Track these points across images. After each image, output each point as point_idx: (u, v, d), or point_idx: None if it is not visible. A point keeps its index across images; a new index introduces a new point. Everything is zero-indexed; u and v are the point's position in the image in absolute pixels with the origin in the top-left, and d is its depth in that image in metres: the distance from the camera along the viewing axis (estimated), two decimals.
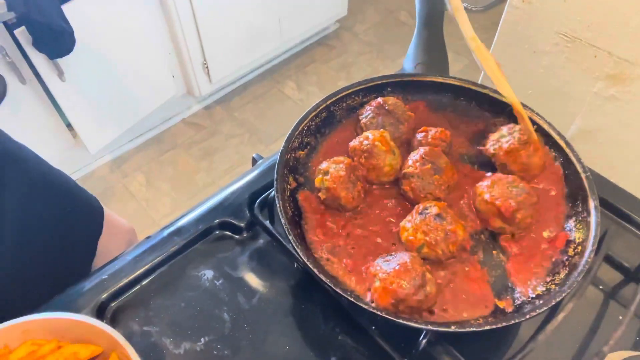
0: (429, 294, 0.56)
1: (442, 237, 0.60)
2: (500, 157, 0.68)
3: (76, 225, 0.84)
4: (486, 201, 0.63)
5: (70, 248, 0.82)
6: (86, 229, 0.87)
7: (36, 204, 0.76)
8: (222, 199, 0.76)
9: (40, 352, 0.53)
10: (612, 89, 0.93)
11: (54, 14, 1.52)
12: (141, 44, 1.96)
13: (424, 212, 0.61)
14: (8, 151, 0.73)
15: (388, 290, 0.55)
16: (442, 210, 0.61)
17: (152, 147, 2.28)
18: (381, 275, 0.56)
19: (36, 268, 0.75)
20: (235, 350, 0.62)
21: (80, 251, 0.85)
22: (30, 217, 0.74)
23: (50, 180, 0.80)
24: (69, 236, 0.82)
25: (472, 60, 2.61)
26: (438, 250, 0.60)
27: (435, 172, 0.65)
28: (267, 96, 2.47)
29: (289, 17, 2.37)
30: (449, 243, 0.60)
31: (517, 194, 0.62)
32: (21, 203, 0.72)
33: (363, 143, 0.68)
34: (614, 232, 0.69)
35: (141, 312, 0.65)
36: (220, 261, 0.70)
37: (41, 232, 0.76)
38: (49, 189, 0.79)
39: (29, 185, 0.75)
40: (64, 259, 0.80)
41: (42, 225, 0.76)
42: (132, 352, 0.52)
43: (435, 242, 0.59)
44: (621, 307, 0.65)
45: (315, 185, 0.66)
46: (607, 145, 1.00)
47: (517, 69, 1.04)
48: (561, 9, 0.91)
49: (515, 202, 0.61)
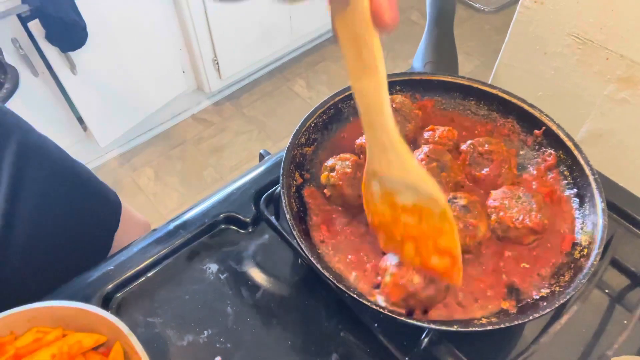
0: (440, 289, 0.55)
1: (461, 227, 0.59)
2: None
3: (94, 218, 0.85)
4: (516, 227, 0.61)
5: (86, 240, 0.83)
6: (103, 223, 0.88)
7: (56, 194, 0.77)
8: (229, 194, 0.77)
9: (45, 340, 0.54)
10: (623, 92, 0.92)
11: (67, 8, 1.53)
12: (152, 39, 1.97)
13: (451, 201, 0.61)
14: (32, 142, 0.75)
15: (398, 285, 0.55)
16: (470, 203, 0.61)
17: (161, 141, 2.29)
18: (392, 270, 0.56)
19: (51, 258, 0.76)
20: (238, 344, 0.62)
21: (96, 244, 0.86)
22: (49, 207, 0.75)
23: (71, 172, 0.82)
24: (86, 228, 0.83)
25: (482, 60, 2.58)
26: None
27: (441, 169, 0.65)
28: (276, 93, 2.48)
29: (300, 14, 2.37)
30: (466, 235, 0.59)
31: (531, 202, 0.62)
32: (41, 193, 0.74)
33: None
34: (622, 236, 0.69)
35: (146, 304, 0.66)
36: (225, 255, 0.71)
37: (59, 222, 0.77)
38: (69, 180, 0.80)
39: (50, 176, 0.76)
40: (80, 251, 0.81)
41: (61, 216, 0.77)
42: (135, 342, 0.52)
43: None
44: (627, 312, 0.65)
45: (321, 182, 0.66)
46: (617, 148, 0.99)
47: (528, 70, 1.04)
48: (573, 10, 0.90)
49: (540, 213, 0.61)
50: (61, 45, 1.62)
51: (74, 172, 0.82)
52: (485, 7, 2.80)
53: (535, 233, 0.62)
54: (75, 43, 1.64)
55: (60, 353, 0.53)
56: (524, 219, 0.61)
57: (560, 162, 0.70)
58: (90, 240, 0.84)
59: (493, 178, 0.67)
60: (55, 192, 0.76)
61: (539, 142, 0.72)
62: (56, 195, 0.77)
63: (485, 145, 0.69)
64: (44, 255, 0.74)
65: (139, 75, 2.01)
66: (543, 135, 0.72)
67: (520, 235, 0.62)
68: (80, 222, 0.81)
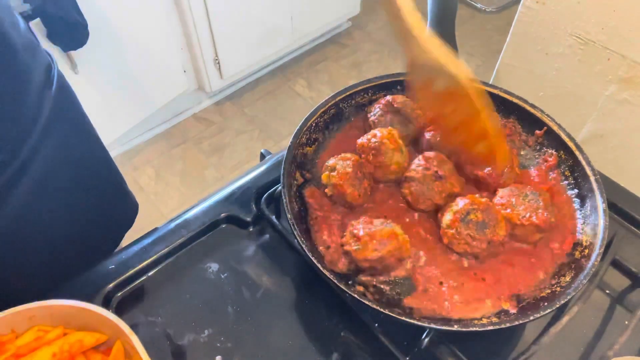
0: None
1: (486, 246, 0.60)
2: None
3: (110, 213, 0.87)
4: (522, 224, 0.61)
5: (99, 234, 0.84)
6: (118, 219, 0.89)
7: (83, 180, 0.79)
8: (230, 193, 0.77)
9: (46, 338, 0.54)
10: (624, 93, 0.92)
11: (69, 7, 1.53)
12: (154, 38, 1.98)
13: (465, 219, 0.60)
14: (80, 123, 0.79)
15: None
16: (484, 213, 0.60)
17: (162, 141, 2.29)
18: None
19: (63, 244, 0.77)
20: (238, 343, 0.62)
21: (107, 239, 0.87)
22: (74, 193, 0.77)
23: (102, 164, 0.85)
24: (100, 222, 0.84)
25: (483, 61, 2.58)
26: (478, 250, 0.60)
27: (436, 178, 0.65)
28: (277, 93, 2.48)
29: (301, 14, 2.37)
30: (490, 244, 0.60)
31: (538, 200, 0.62)
32: (70, 178, 0.75)
33: (371, 140, 0.68)
34: (623, 236, 0.69)
35: (147, 303, 0.66)
36: (225, 254, 0.71)
37: (76, 210, 0.78)
38: (98, 170, 0.83)
39: (83, 160, 0.79)
40: (90, 242, 0.82)
41: (80, 204, 0.79)
42: (136, 341, 0.52)
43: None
44: (627, 312, 0.65)
45: (322, 181, 0.66)
46: (619, 149, 0.99)
47: (529, 71, 1.03)
48: (575, 10, 0.90)
49: (546, 211, 0.61)
50: (62, 45, 1.62)
51: (104, 165, 0.86)
52: (486, 7, 2.80)
53: (542, 231, 0.61)
54: (77, 42, 1.63)
55: (61, 352, 0.53)
56: (531, 216, 0.61)
57: (562, 162, 0.70)
58: (103, 233, 0.85)
59: (495, 177, 0.67)
60: (83, 178, 0.79)
61: (540, 143, 0.72)
62: (83, 180, 0.79)
63: None
64: (58, 240, 0.75)
65: (141, 75, 2.01)
66: (544, 135, 0.72)
67: (526, 232, 0.62)
68: (97, 214, 0.82)
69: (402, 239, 0.59)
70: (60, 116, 0.71)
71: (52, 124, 0.69)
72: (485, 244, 0.60)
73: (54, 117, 0.69)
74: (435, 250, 0.63)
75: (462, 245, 0.60)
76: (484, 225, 0.59)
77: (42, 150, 0.68)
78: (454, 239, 0.60)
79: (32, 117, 0.66)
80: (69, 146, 0.74)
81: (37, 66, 0.68)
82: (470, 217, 0.60)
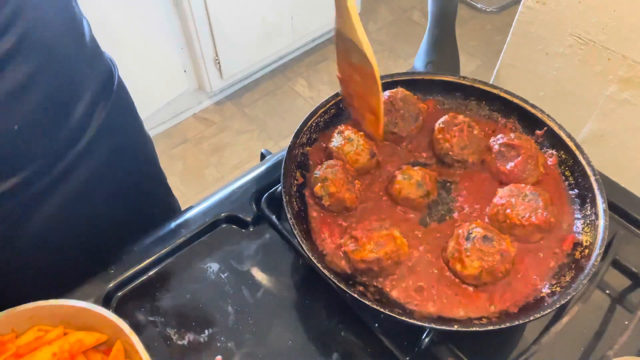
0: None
1: (495, 261, 0.57)
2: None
3: (153, 217, 0.85)
4: (522, 224, 0.61)
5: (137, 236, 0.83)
6: (160, 222, 0.88)
7: (129, 184, 0.79)
8: (230, 193, 0.77)
9: (46, 338, 0.54)
10: (625, 93, 0.92)
11: None
12: (154, 38, 1.98)
13: (469, 237, 0.59)
14: (134, 128, 0.82)
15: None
16: (486, 230, 0.59)
17: (162, 141, 2.29)
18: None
19: (99, 245, 0.74)
20: (239, 343, 0.62)
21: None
22: (117, 198, 0.76)
23: (151, 166, 0.87)
24: (141, 225, 0.82)
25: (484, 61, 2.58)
26: (498, 273, 0.58)
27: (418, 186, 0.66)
28: (278, 93, 2.48)
29: (301, 14, 2.37)
30: (504, 263, 0.58)
31: (537, 200, 0.61)
32: (118, 180, 0.75)
33: (334, 144, 0.70)
34: (623, 236, 0.69)
35: (147, 303, 0.66)
36: (226, 254, 0.71)
37: (118, 213, 0.77)
38: (147, 172, 0.85)
39: (132, 164, 0.79)
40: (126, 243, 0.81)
41: (124, 206, 0.78)
42: (136, 341, 0.52)
43: (493, 268, 0.58)
44: (627, 313, 0.65)
45: (316, 194, 0.65)
46: (619, 149, 0.99)
47: (530, 71, 1.03)
48: (575, 10, 0.90)
49: (546, 211, 0.61)
50: None
51: (152, 166, 0.87)
52: (487, 7, 2.80)
53: (542, 231, 0.61)
54: None
55: (61, 351, 0.53)
56: (530, 216, 0.61)
57: (562, 162, 0.70)
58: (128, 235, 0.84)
59: (517, 173, 0.66)
60: (129, 175, 0.78)
61: (540, 143, 0.72)
62: (127, 176, 0.78)
63: (514, 138, 0.68)
64: (87, 246, 0.73)
65: (140, 75, 2.01)
66: (544, 135, 0.72)
67: (526, 232, 0.62)
68: (139, 216, 0.81)
69: (400, 241, 0.60)
70: (114, 124, 0.71)
71: (103, 132, 0.68)
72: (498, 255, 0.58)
73: (107, 125, 0.69)
74: (435, 251, 0.63)
75: (475, 261, 0.58)
76: (490, 240, 0.59)
77: (87, 158, 0.67)
78: (465, 257, 0.58)
79: (80, 127, 0.64)
80: (119, 152, 0.73)
81: (94, 76, 0.67)
82: (473, 234, 0.59)
